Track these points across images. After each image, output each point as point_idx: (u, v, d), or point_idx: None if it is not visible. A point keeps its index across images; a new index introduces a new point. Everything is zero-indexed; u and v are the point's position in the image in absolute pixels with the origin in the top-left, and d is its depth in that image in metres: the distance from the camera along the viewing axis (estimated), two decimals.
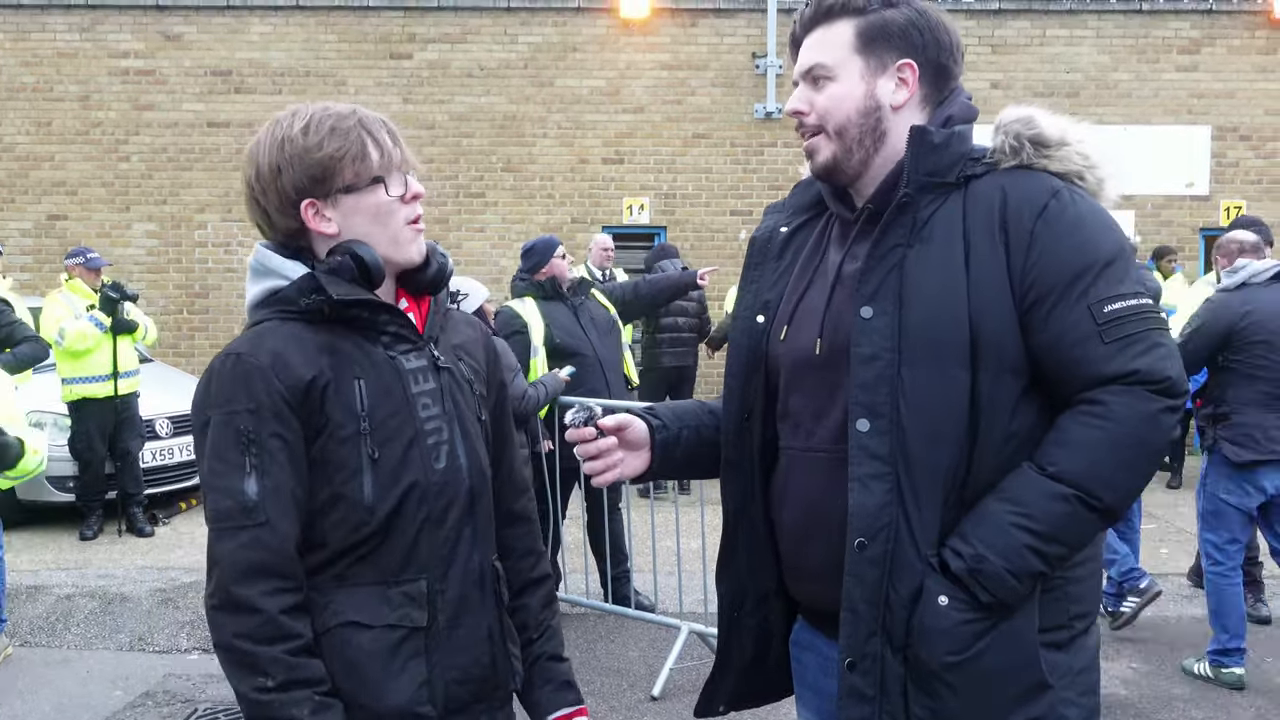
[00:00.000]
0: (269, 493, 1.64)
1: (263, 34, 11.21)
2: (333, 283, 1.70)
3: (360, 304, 1.72)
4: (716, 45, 11.30)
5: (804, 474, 1.80)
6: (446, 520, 1.77)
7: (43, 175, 11.20)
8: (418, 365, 1.78)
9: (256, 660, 1.61)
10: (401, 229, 1.76)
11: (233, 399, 1.66)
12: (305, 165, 1.72)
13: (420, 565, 1.75)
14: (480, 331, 1.99)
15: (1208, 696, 4.81)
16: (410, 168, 1.79)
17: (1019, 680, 1.65)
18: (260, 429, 1.65)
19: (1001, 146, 1.73)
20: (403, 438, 1.73)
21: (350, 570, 1.71)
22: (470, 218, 11.25)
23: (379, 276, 1.74)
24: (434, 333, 1.84)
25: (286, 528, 1.65)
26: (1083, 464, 1.61)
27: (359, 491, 1.70)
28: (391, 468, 1.72)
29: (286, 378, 1.67)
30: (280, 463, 1.66)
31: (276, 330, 1.71)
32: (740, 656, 1.95)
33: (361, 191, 1.73)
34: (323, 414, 1.69)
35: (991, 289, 1.65)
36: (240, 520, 1.64)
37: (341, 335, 1.73)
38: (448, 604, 1.77)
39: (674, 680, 4.86)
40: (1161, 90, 11.29)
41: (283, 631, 1.62)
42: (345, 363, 1.72)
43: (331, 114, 1.75)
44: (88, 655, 5.48)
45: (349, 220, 1.74)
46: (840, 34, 1.77)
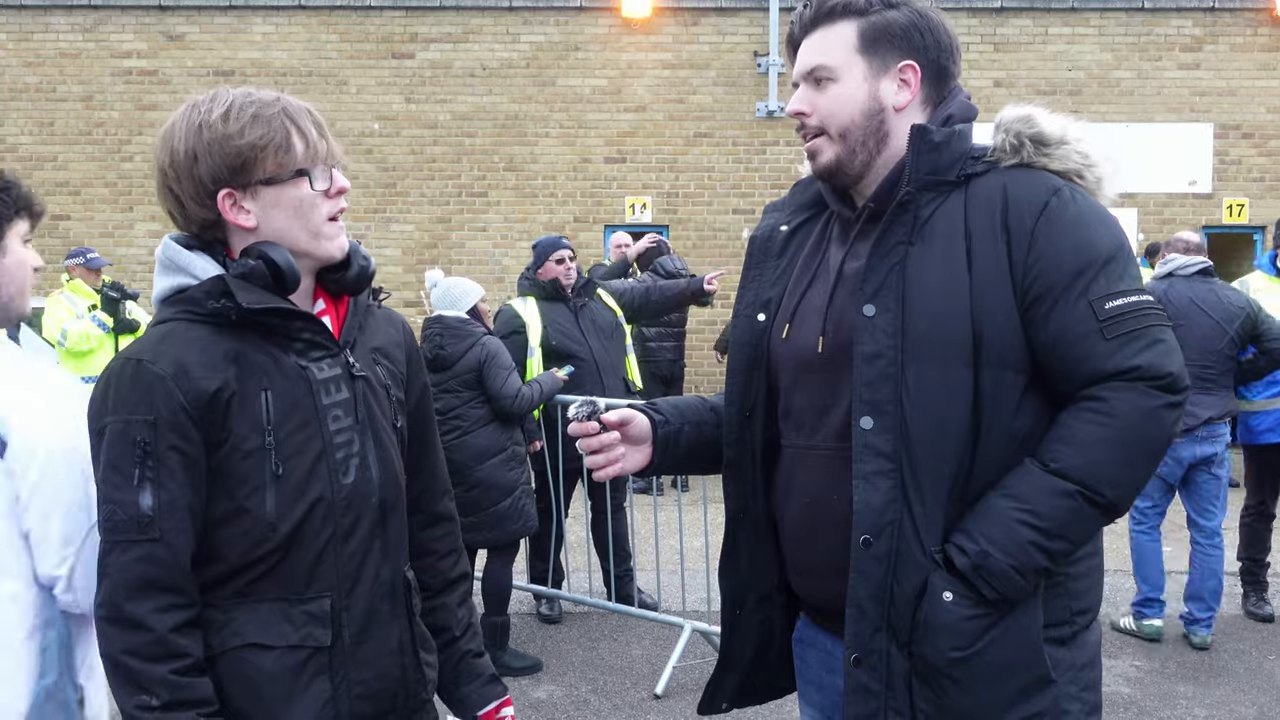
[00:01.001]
0: (164, 507, 1.58)
1: (265, 34, 11.22)
2: (243, 288, 1.62)
3: (272, 312, 1.64)
4: (718, 44, 11.31)
5: (806, 471, 1.80)
6: (355, 534, 1.71)
7: (45, 175, 11.22)
8: (330, 375, 1.71)
9: (142, 678, 1.56)
10: (323, 224, 1.69)
11: (132, 408, 1.58)
12: (224, 153, 1.64)
13: (325, 582, 1.68)
14: (402, 331, 1.90)
15: (1211, 694, 4.82)
16: (335, 161, 1.71)
17: (1023, 675, 1.66)
18: (158, 441, 1.58)
19: (1002, 145, 1.74)
20: (310, 452, 1.66)
21: (251, 586, 1.65)
22: (473, 217, 11.26)
23: (293, 281, 1.66)
24: (351, 336, 1.77)
25: (181, 543, 1.59)
26: (1085, 460, 1.62)
27: (261, 506, 1.63)
28: (296, 483, 1.65)
29: (189, 389, 1.59)
30: (178, 477, 1.59)
31: (181, 334, 1.63)
32: (743, 654, 1.96)
33: (283, 184, 1.66)
34: (225, 426, 1.61)
35: (993, 286, 1.66)
36: (133, 534, 1.57)
37: (251, 341, 1.65)
38: (354, 620, 1.71)
39: (677, 678, 4.87)
40: (1164, 88, 11.29)
41: (170, 650, 1.57)
42: (253, 372, 1.64)
43: (254, 100, 1.67)
44: None
45: (268, 213, 1.67)
46: (842, 35, 1.77)
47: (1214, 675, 5.04)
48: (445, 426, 4.85)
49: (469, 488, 4.81)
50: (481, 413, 4.94)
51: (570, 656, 5.30)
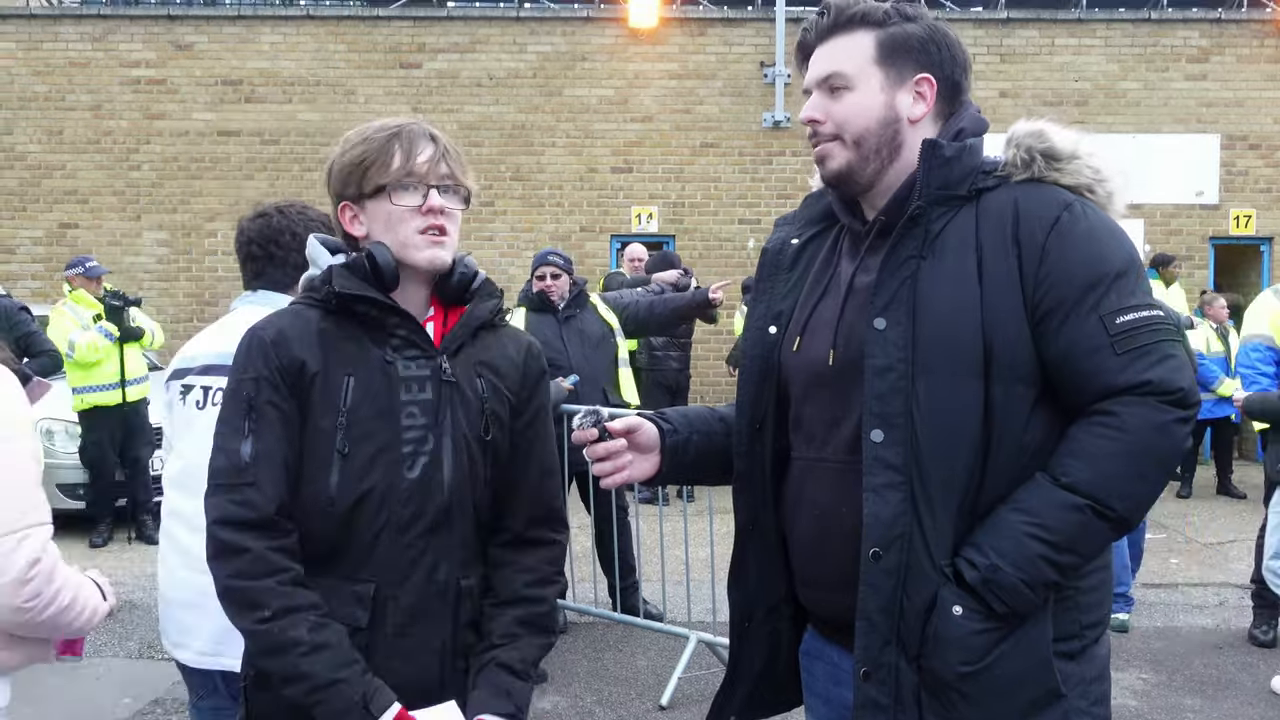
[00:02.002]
0: (259, 455, 1.75)
1: (273, 43, 11.27)
2: (342, 276, 1.81)
3: (364, 300, 1.80)
4: (725, 54, 11.33)
5: (816, 484, 1.80)
6: (412, 528, 1.80)
7: (54, 184, 11.26)
8: (417, 374, 1.82)
9: (252, 594, 1.71)
10: (411, 236, 1.82)
11: (244, 368, 1.79)
12: (340, 170, 1.86)
13: (375, 568, 1.79)
14: (524, 353, 1.96)
15: (1218, 707, 4.80)
16: (439, 182, 1.84)
17: (1032, 689, 1.65)
18: (259, 396, 1.76)
19: (1013, 159, 1.74)
20: (377, 440, 1.78)
21: (314, 557, 1.78)
22: (479, 226, 11.28)
23: (390, 277, 1.81)
24: (453, 345, 1.87)
25: (272, 490, 1.74)
26: (1096, 474, 1.62)
27: (326, 483, 1.77)
28: (359, 466, 1.77)
29: (284, 355, 1.78)
30: (275, 430, 1.76)
31: (295, 313, 1.84)
32: (751, 666, 1.96)
33: (379, 198, 1.83)
34: (308, 399, 1.78)
35: (1004, 301, 1.66)
36: (231, 478, 1.75)
37: (349, 331, 1.82)
38: (400, 611, 1.80)
39: (682, 689, 4.86)
40: (1170, 99, 11.29)
41: (271, 565, 1.72)
42: (341, 357, 1.80)
43: (379, 125, 1.86)
44: (98, 663, 5.49)
45: (371, 225, 1.85)
46: (860, 44, 1.77)
47: (1221, 688, 5.02)
48: None
49: None
50: None
51: (575, 667, 5.29)
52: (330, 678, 1.69)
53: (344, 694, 1.69)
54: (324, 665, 1.70)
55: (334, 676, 1.70)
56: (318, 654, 1.70)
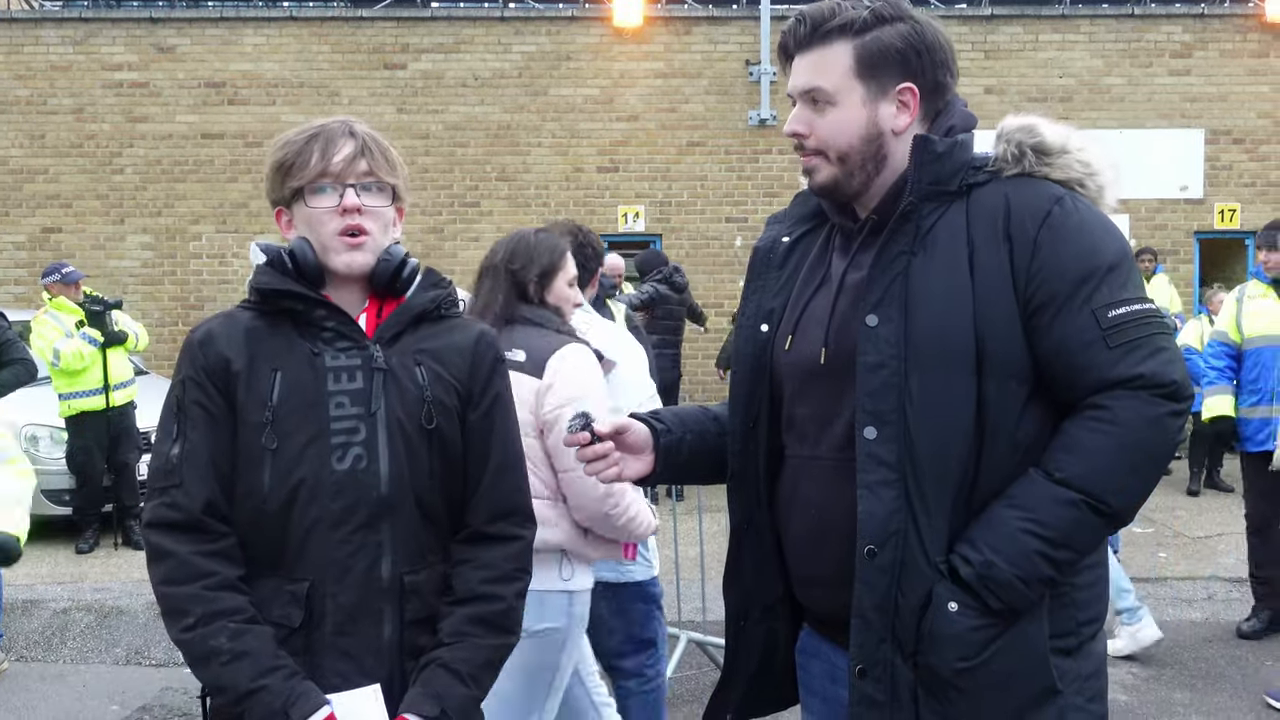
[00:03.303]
0: (185, 456, 1.75)
1: (256, 45, 11.21)
2: (264, 274, 1.83)
3: (285, 295, 1.81)
4: (710, 53, 11.33)
5: (810, 482, 1.79)
6: (346, 523, 1.76)
7: (37, 188, 11.19)
8: (346, 364, 1.80)
9: (176, 601, 1.71)
10: (330, 239, 1.82)
11: (177, 369, 1.83)
12: (268, 175, 1.89)
13: (311, 565, 1.76)
14: (474, 341, 1.92)
15: (1207, 701, 4.81)
16: (355, 180, 1.80)
17: (1029, 686, 1.65)
18: (186, 397, 1.78)
19: (1004, 155, 1.74)
20: (305, 432, 1.76)
21: (253, 558, 1.78)
22: (465, 227, 11.25)
23: (311, 270, 1.82)
24: (387, 333, 1.85)
25: (198, 490, 1.74)
26: (1090, 469, 1.61)
27: (259, 480, 1.76)
28: (287, 460, 1.76)
29: (210, 355, 1.79)
30: (200, 430, 1.76)
31: (226, 315, 1.87)
32: (747, 666, 1.95)
33: (300, 200, 1.84)
34: (235, 398, 1.78)
35: (996, 296, 1.65)
36: (160, 481, 1.76)
37: (278, 328, 1.82)
38: (339, 609, 1.76)
39: (674, 689, 4.83)
40: (1155, 94, 11.34)
41: (197, 570, 1.71)
42: (267, 352, 1.80)
43: (304, 126, 1.87)
44: (84, 670, 5.46)
45: (298, 227, 1.87)
46: (838, 57, 1.74)
47: (1211, 682, 5.04)
48: None
49: None
50: None
51: None
52: (249, 687, 1.67)
53: (264, 702, 1.67)
54: (244, 674, 1.67)
55: (253, 685, 1.67)
56: (238, 662, 1.68)
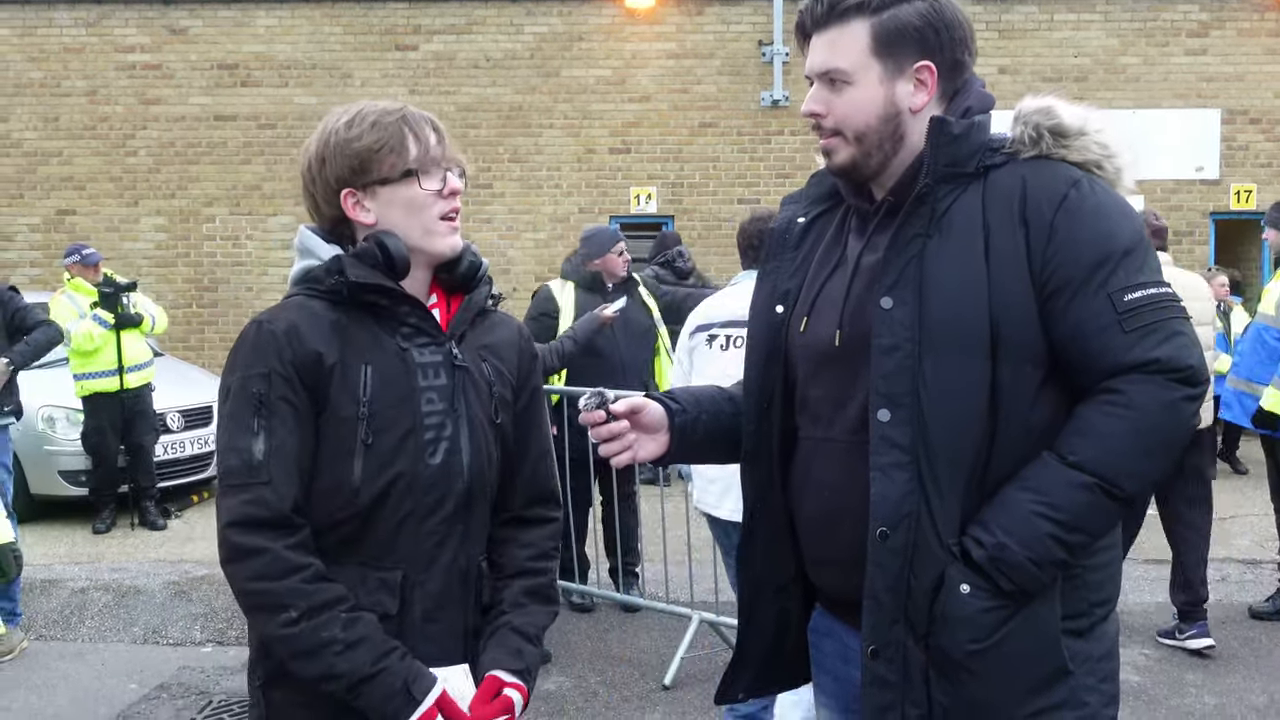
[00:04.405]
0: (273, 453, 1.70)
1: (268, 27, 11.21)
2: (354, 266, 1.77)
3: (377, 289, 1.77)
4: (723, 33, 11.27)
5: (824, 463, 1.80)
6: (436, 514, 1.80)
7: (51, 170, 11.23)
8: (431, 360, 1.81)
9: (275, 596, 1.68)
10: (434, 223, 1.82)
11: (251, 364, 1.73)
12: (345, 156, 1.79)
13: (401, 555, 1.78)
14: (517, 335, 2.00)
15: (1221, 682, 4.81)
16: (452, 164, 1.84)
17: (1040, 667, 1.66)
18: (271, 392, 1.71)
19: (1021, 137, 1.73)
20: (400, 428, 1.77)
21: (334, 549, 1.76)
22: (477, 209, 11.24)
23: (403, 266, 1.79)
24: (458, 330, 1.87)
25: (287, 488, 1.71)
26: (1104, 453, 1.61)
27: (348, 473, 1.74)
28: (383, 455, 1.75)
29: (299, 348, 1.73)
30: (288, 426, 1.72)
31: (300, 305, 1.79)
32: (760, 645, 1.96)
33: (396, 184, 1.79)
34: (327, 392, 1.74)
35: (1011, 279, 1.64)
36: (245, 478, 1.70)
37: (360, 320, 1.79)
38: (427, 596, 1.80)
39: (685, 669, 4.87)
40: (1171, 74, 11.24)
41: (293, 564, 1.69)
42: (357, 347, 1.77)
43: (378, 109, 1.82)
44: (102, 648, 5.51)
45: (385, 211, 1.81)
46: (855, 36, 1.73)
47: (1223, 663, 5.04)
48: None
49: None
50: None
51: (579, 648, 5.31)
52: (369, 671, 1.68)
53: (386, 683, 1.69)
54: (363, 660, 1.68)
55: (374, 669, 1.69)
56: (354, 650, 1.68)
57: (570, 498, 5.62)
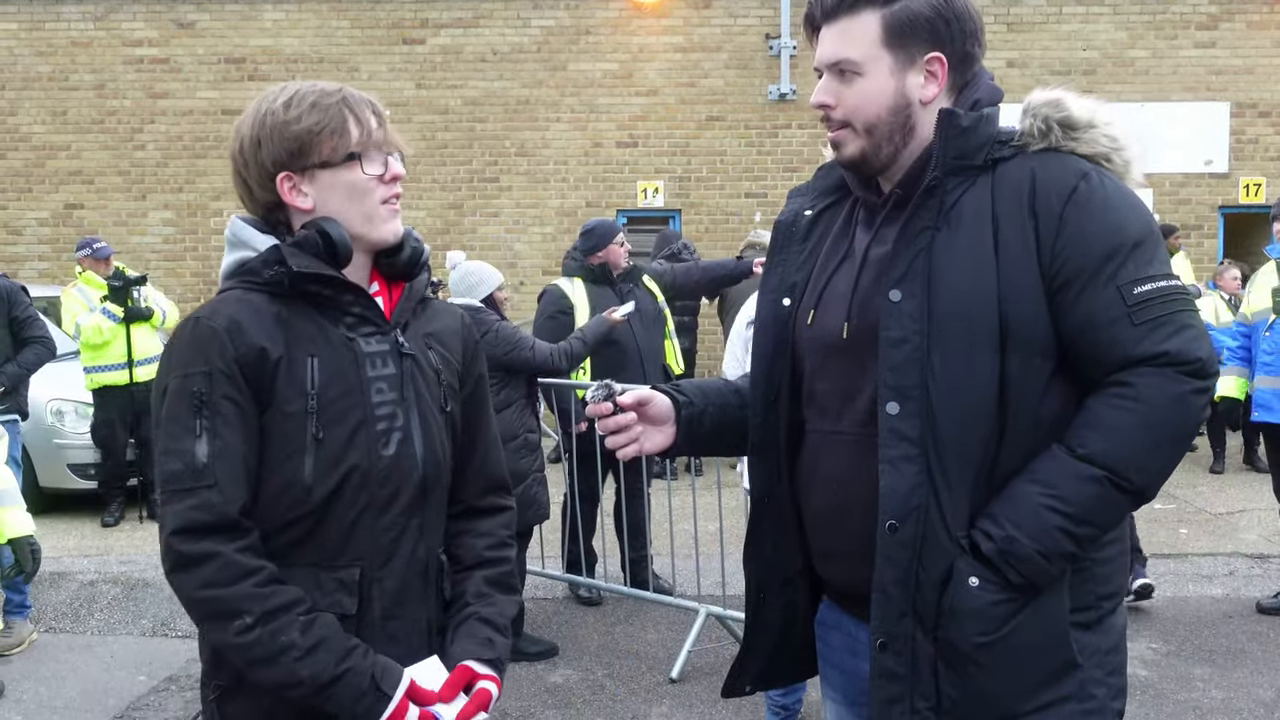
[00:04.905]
0: (218, 455, 1.62)
1: (276, 21, 11.21)
2: (295, 256, 1.69)
3: (320, 279, 1.70)
4: (730, 27, 11.25)
5: (832, 456, 1.80)
6: (392, 508, 1.74)
7: (59, 164, 11.25)
8: (378, 349, 1.76)
9: (228, 602, 1.60)
10: (376, 208, 1.75)
11: (189, 362, 1.65)
12: (283, 138, 1.71)
13: (357, 552, 1.72)
14: (460, 322, 1.95)
15: (1228, 676, 4.81)
16: (393, 148, 1.78)
17: (1049, 660, 1.66)
18: (213, 391, 1.63)
19: (1030, 129, 1.72)
20: (350, 420, 1.71)
21: (287, 550, 1.69)
22: (484, 203, 11.25)
23: (345, 254, 1.72)
24: (402, 318, 1.82)
25: (234, 490, 1.63)
26: (1113, 446, 1.61)
27: (299, 470, 1.67)
28: (335, 449, 1.69)
29: (240, 344, 1.65)
30: (232, 425, 1.64)
31: (238, 299, 1.71)
32: (767, 638, 1.96)
33: (337, 168, 1.73)
34: (272, 388, 1.67)
35: (1020, 272, 1.64)
36: (189, 482, 1.61)
37: (303, 312, 1.72)
38: (386, 593, 1.74)
39: (692, 662, 4.88)
40: (1180, 67, 11.19)
41: (245, 568, 1.61)
42: (301, 339, 1.70)
43: (316, 90, 1.74)
44: (111, 640, 5.53)
45: (324, 196, 1.74)
46: (866, 27, 1.73)
47: (1231, 657, 5.03)
48: None
49: None
50: (494, 400, 4.94)
51: (586, 641, 5.32)
52: (334, 673, 1.62)
53: (353, 684, 1.63)
54: (325, 663, 1.62)
55: (338, 671, 1.63)
56: (314, 654, 1.61)
57: (577, 492, 5.64)
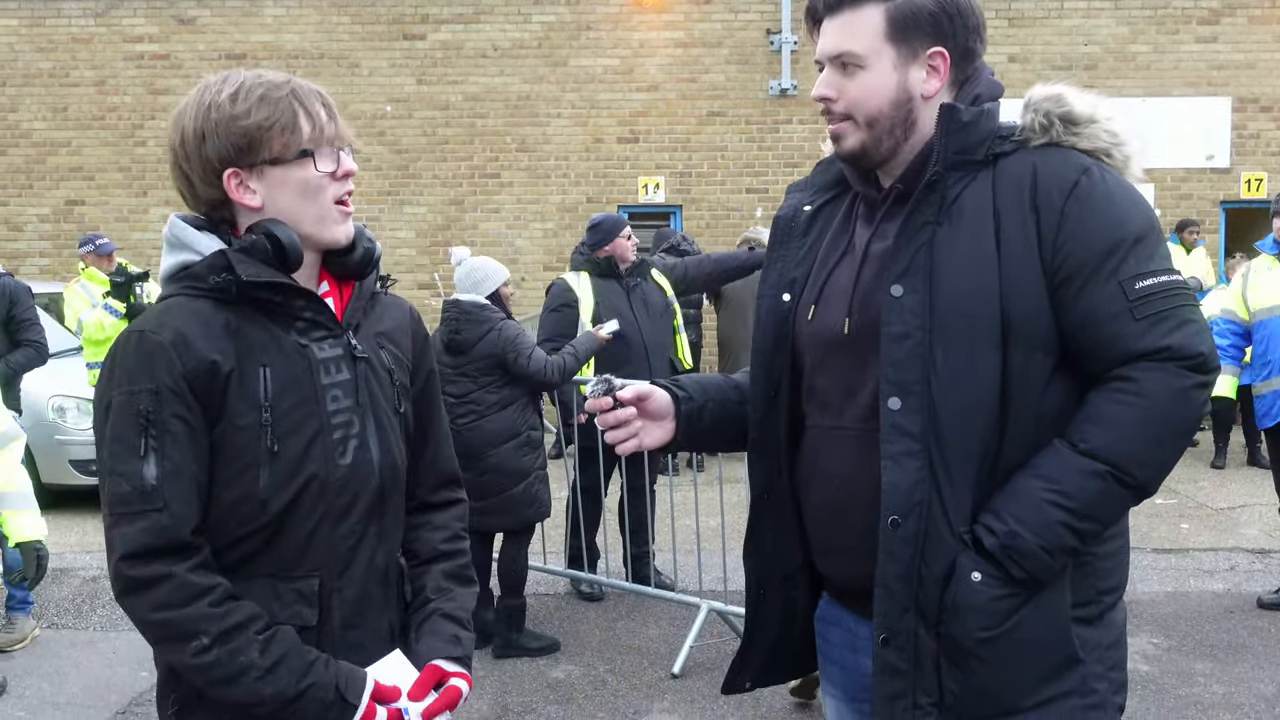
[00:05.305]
0: (168, 476, 1.56)
1: (276, 17, 11.20)
2: (243, 262, 1.62)
3: (271, 286, 1.63)
4: (730, 22, 11.24)
5: (832, 452, 1.80)
6: (349, 516, 1.70)
7: (60, 161, 11.25)
8: (331, 354, 1.69)
9: (182, 624, 1.55)
10: (329, 207, 1.68)
11: (134, 379, 1.57)
12: (230, 133, 1.62)
13: (315, 562, 1.67)
14: (409, 317, 1.89)
15: (1229, 671, 4.81)
16: (344, 144, 1.70)
17: (1051, 655, 1.66)
18: (160, 409, 1.56)
19: (1031, 124, 1.72)
20: (306, 430, 1.65)
21: (242, 563, 1.64)
22: (485, 198, 11.25)
23: (295, 259, 1.65)
24: (354, 320, 1.75)
25: (185, 512, 1.57)
26: (1115, 440, 1.61)
27: (254, 483, 1.61)
28: (291, 461, 1.63)
29: (188, 358, 1.58)
30: (181, 445, 1.57)
31: (183, 308, 1.63)
32: (767, 634, 1.96)
33: (288, 164, 1.65)
34: (223, 401, 1.60)
35: (1022, 267, 1.64)
36: (138, 505, 1.56)
37: (251, 319, 1.64)
38: (345, 603, 1.70)
39: (694, 658, 4.88)
40: (1181, 62, 11.18)
41: (198, 587, 1.56)
42: (252, 348, 1.63)
43: (263, 82, 1.66)
44: (113, 637, 5.54)
45: (273, 194, 1.66)
46: (869, 20, 1.72)
47: (1232, 652, 5.03)
48: (461, 410, 4.87)
49: (482, 472, 4.82)
50: (497, 397, 4.95)
51: (588, 637, 5.33)
52: (298, 689, 1.58)
53: (317, 698, 1.59)
54: (288, 680, 1.58)
55: (302, 686, 1.58)
56: (275, 672, 1.57)
57: (580, 488, 5.64)
